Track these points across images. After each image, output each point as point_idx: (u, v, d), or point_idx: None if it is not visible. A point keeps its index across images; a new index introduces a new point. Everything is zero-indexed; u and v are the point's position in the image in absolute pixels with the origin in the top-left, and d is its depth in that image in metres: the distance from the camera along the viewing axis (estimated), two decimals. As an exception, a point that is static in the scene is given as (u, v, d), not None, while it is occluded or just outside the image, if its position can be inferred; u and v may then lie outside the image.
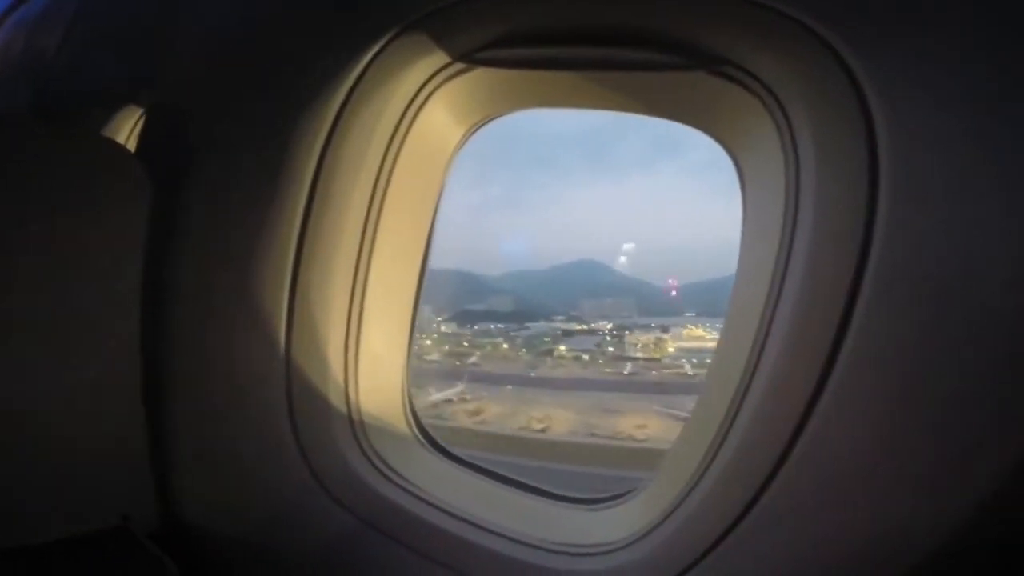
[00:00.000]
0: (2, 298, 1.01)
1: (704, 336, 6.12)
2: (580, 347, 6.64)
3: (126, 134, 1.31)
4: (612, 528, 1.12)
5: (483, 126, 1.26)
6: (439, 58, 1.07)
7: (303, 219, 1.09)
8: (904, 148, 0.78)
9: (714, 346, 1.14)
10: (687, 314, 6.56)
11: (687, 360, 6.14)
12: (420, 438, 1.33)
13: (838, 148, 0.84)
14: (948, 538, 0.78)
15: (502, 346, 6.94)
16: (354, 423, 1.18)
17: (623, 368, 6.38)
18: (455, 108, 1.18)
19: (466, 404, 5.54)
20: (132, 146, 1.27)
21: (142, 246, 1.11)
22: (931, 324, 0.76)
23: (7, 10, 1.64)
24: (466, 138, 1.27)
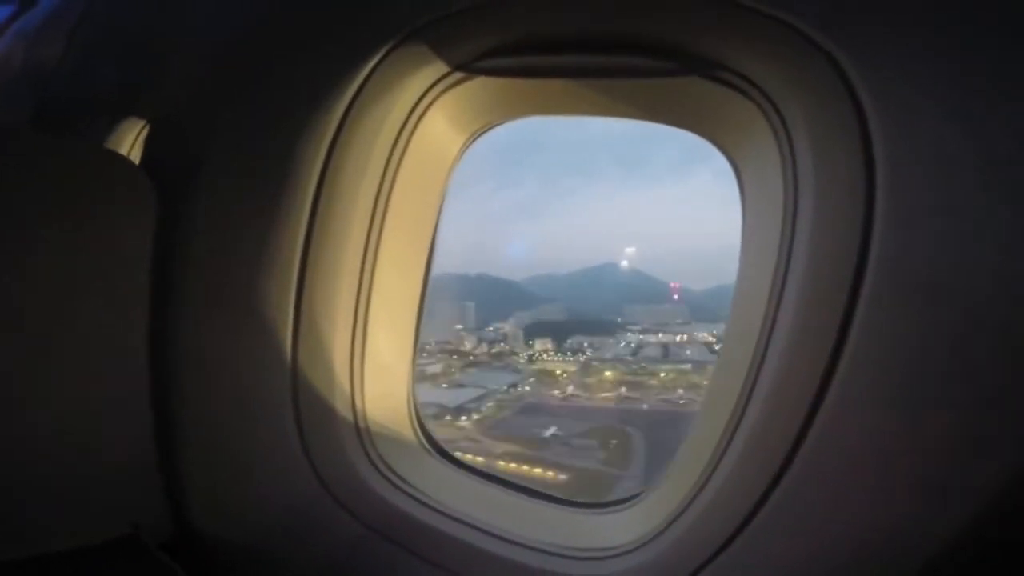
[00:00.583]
0: (11, 309, 1.02)
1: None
2: (694, 361, 4.77)
3: (129, 144, 1.32)
4: (620, 532, 1.13)
5: (483, 134, 1.27)
6: (439, 67, 1.07)
7: (307, 229, 1.10)
8: (900, 150, 0.79)
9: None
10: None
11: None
12: (427, 445, 1.34)
13: (835, 151, 0.85)
14: (954, 534, 0.79)
15: (597, 367, 4.94)
16: (361, 431, 1.19)
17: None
18: (456, 116, 1.19)
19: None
20: (136, 156, 1.27)
21: (148, 257, 1.12)
22: (931, 325, 0.77)
23: (8, 19, 1.64)
24: (467, 146, 1.28)
